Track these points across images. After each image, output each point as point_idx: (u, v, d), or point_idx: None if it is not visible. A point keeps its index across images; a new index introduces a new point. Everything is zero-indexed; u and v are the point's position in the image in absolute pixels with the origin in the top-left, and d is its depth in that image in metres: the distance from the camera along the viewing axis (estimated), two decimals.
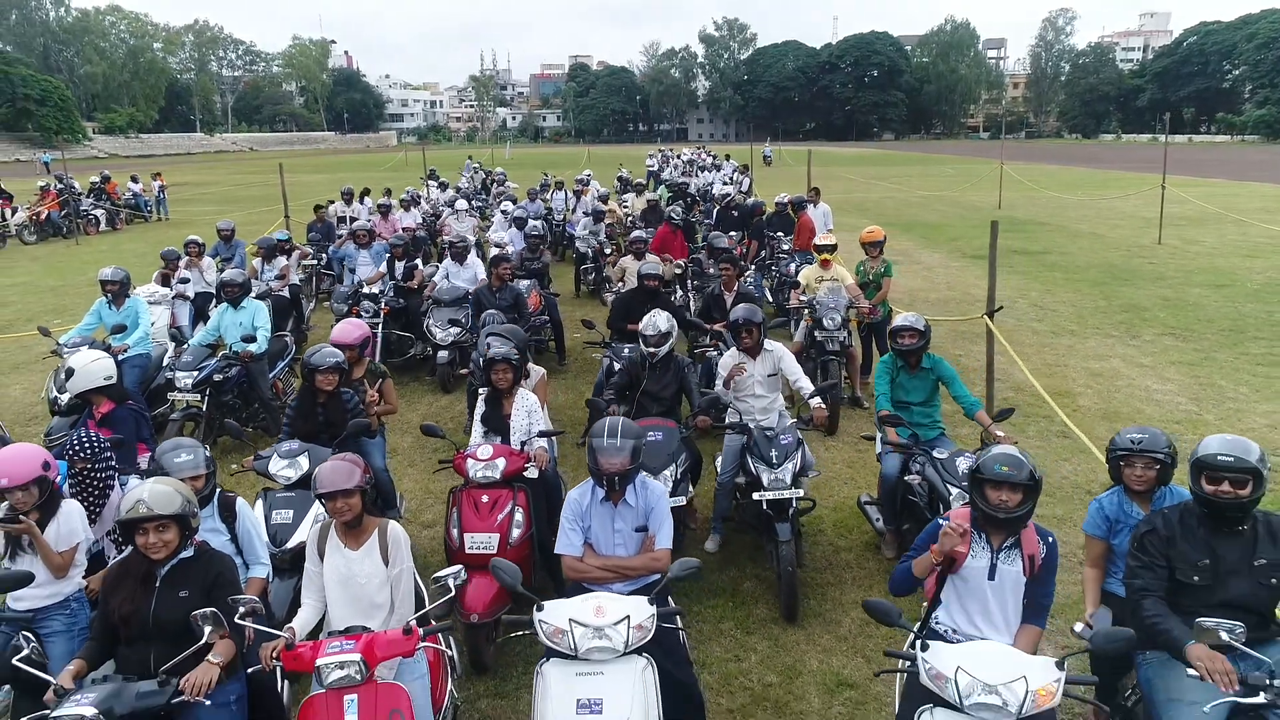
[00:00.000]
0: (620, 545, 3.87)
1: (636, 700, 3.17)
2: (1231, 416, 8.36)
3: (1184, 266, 16.57)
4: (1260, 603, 3.25)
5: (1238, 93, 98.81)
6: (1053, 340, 11.39)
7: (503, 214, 15.24)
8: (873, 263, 9.27)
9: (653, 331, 5.90)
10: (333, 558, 3.51)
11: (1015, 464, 3.29)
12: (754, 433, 5.40)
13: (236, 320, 7.87)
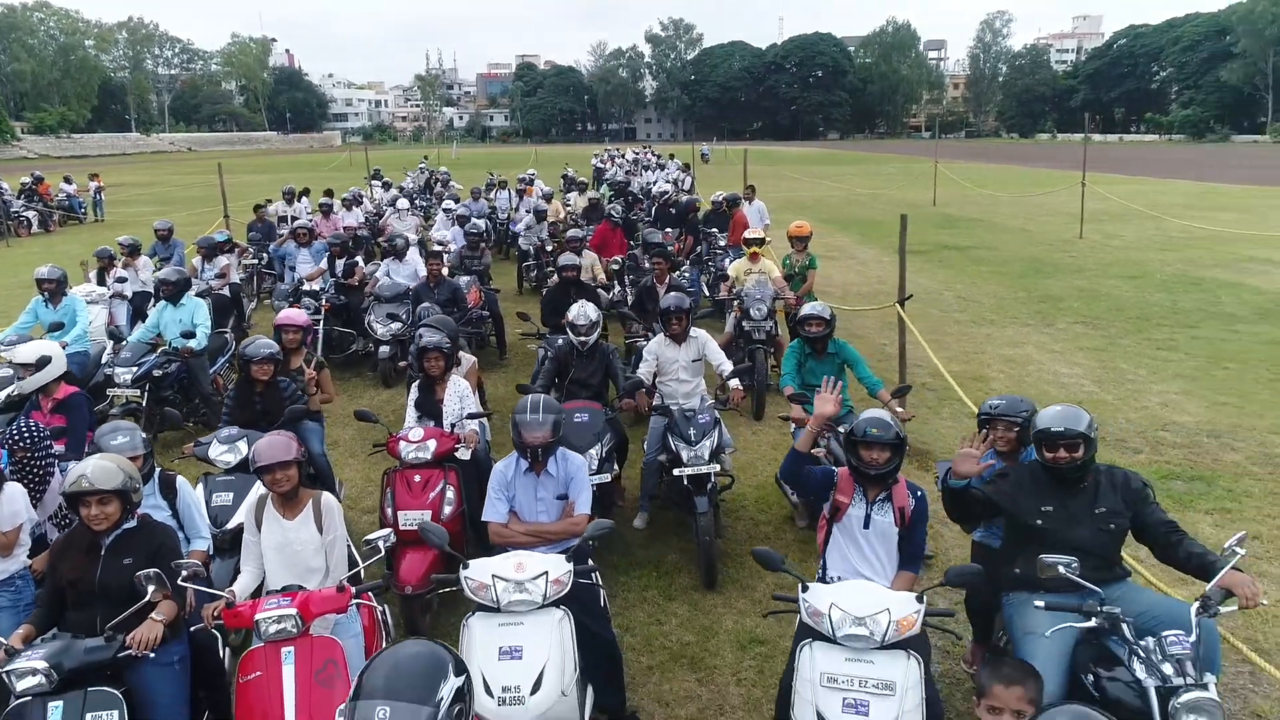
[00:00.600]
0: (543, 512, 4.19)
1: (554, 647, 3.49)
2: (1129, 396, 8.98)
3: (1101, 259, 17.42)
4: (1102, 546, 3.68)
5: (1165, 94, 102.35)
6: (973, 329, 12.00)
7: (445, 212, 15.43)
8: (798, 256, 9.71)
9: (584, 321, 6.23)
10: (270, 527, 3.76)
11: (883, 426, 3.70)
12: (674, 414, 5.76)
13: (176, 317, 7.98)
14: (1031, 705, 2.78)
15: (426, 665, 2.22)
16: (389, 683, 2.15)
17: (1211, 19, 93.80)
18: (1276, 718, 4.22)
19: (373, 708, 2.09)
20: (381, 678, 2.16)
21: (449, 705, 2.15)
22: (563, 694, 3.43)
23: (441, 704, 2.14)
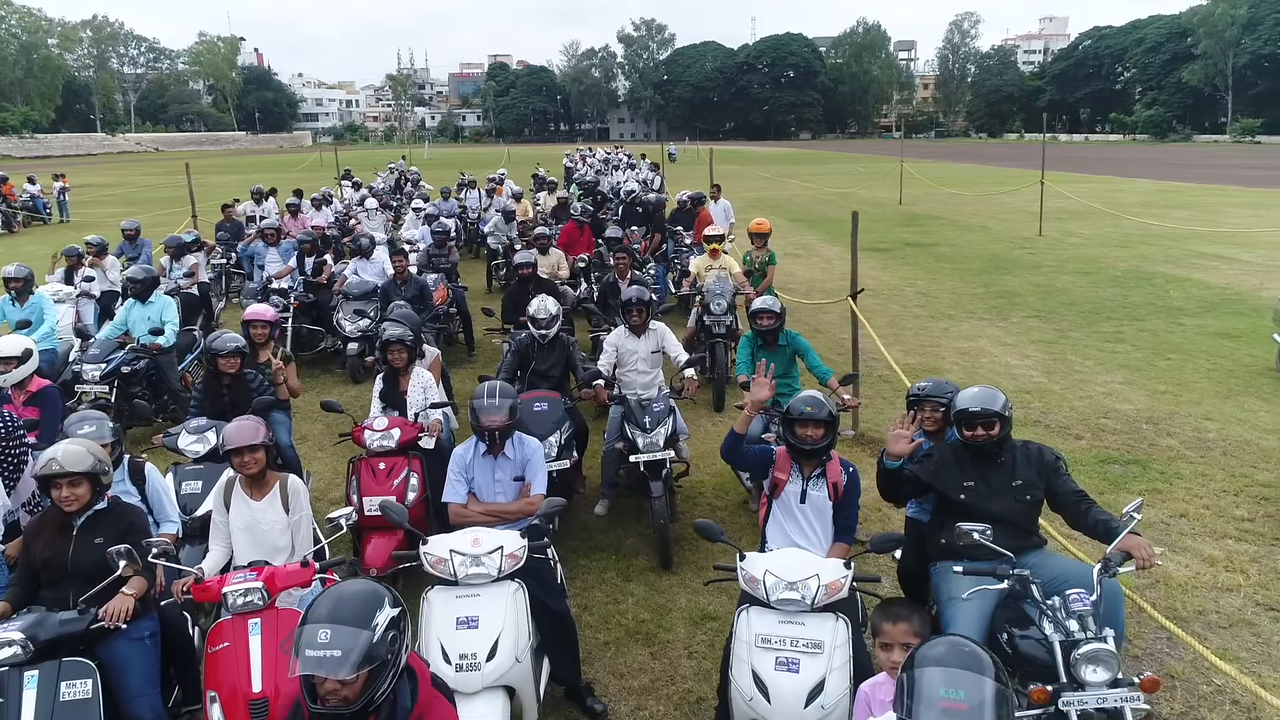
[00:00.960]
0: (500, 493, 4.41)
1: (508, 618, 3.71)
2: (1075, 386, 9.34)
3: (1059, 256, 17.89)
4: (1019, 516, 3.95)
5: (1129, 94, 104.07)
6: (931, 324, 12.34)
7: (414, 212, 15.56)
8: (759, 252, 9.99)
9: (543, 315, 6.45)
10: (238, 507, 3.94)
11: (817, 405, 3.96)
12: (630, 403, 5.99)
13: (144, 315, 8.09)
14: (917, 638, 3.05)
15: (365, 596, 2.44)
16: (332, 610, 2.36)
17: (1173, 21, 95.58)
18: (1188, 677, 4.51)
19: (316, 629, 2.30)
20: (325, 607, 2.38)
21: (384, 630, 2.36)
22: (517, 660, 3.64)
23: (378, 629, 2.35)
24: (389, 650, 2.38)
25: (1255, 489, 6.69)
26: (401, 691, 2.45)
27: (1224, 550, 5.80)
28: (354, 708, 2.32)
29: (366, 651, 2.31)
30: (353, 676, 2.29)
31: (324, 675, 2.27)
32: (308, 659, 2.28)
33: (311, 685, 2.34)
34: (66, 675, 3.25)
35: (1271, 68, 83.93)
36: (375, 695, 2.35)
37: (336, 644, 2.29)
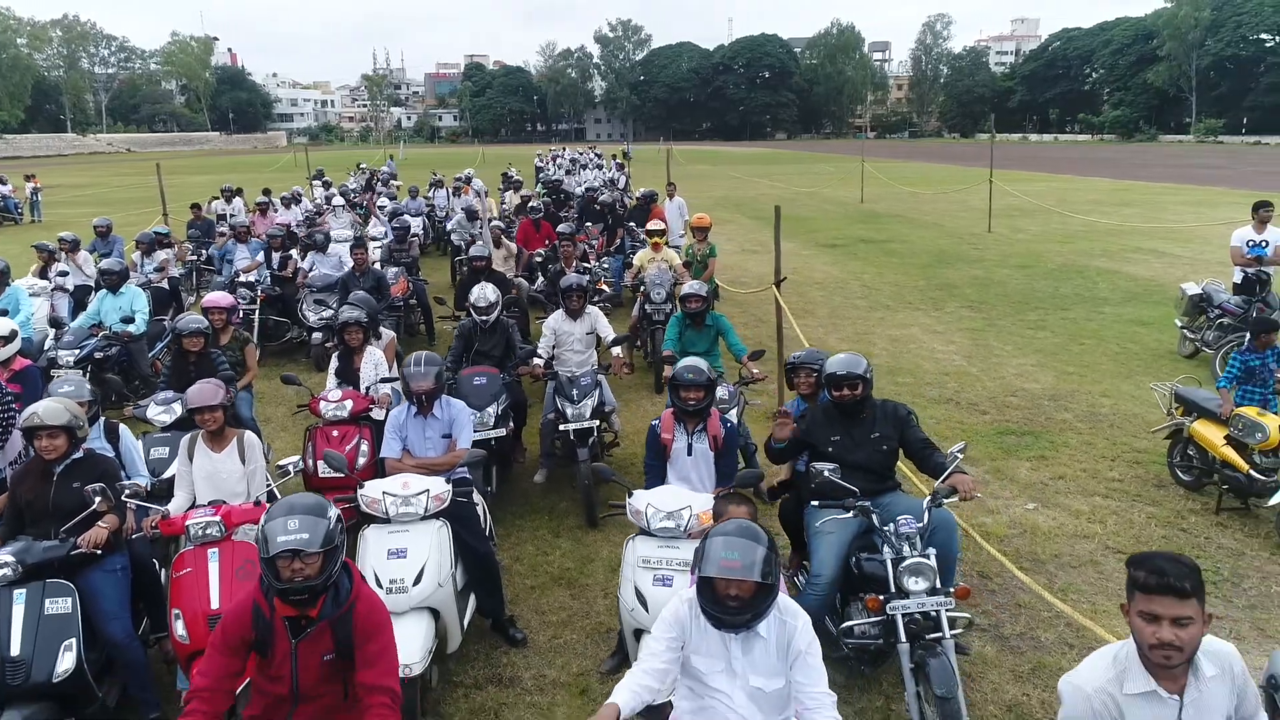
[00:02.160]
0: (430, 449, 5.03)
1: (433, 550, 4.33)
2: (990, 369, 10.07)
3: (1003, 251, 18.70)
4: (878, 464, 4.61)
5: (1097, 94, 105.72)
6: (869, 314, 13.06)
7: (379, 210, 16.10)
8: (700, 245, 10.65)
9: (484, 301, 7.06)
10: (200, 459, 4.53)
11: (697, 371, 4.63)
12: (562, 378, 6.63)
13: (116, 305, 8.62)
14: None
15: (316, 500, 3.02)
16: (292, 507, 2.91)
17: (1138, 23, 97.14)
18: (1032, 606, 5.20)
19: (283, 521, 2.82)
20: (285, 506, 2.92)
21: (335, 522, 2.92)
22: (440, 585, 4.26)
23: (331, 519, 2.91)
24: (338, 538, 2.95)
25: (1131, 454, 7.42)
26: (341, 580, 3.01)
27: (1090, 505, 6.52)
28: (314, 584, 2.86)
29: (326, 533, 2.87)
30: (317, 554, 2.83)
31: (299, 548, 2.80)
32: (280, 542, 2.80)
33: (276, 570, 2.86)
34: (50, 594, 3.83)
35: (1233, 69, 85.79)
36: (330, 573, 2.90)
37: (304, 529, 2.83)
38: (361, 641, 2.90)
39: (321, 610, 2.91)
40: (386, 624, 3.01)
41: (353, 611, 2.94)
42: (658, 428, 4.87)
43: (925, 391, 9.28)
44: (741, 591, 2.64)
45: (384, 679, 2.87)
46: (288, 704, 2.94)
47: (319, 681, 2.91)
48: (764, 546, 2.74)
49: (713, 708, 2.78)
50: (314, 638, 2.90)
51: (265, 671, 2.93)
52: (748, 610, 2.65)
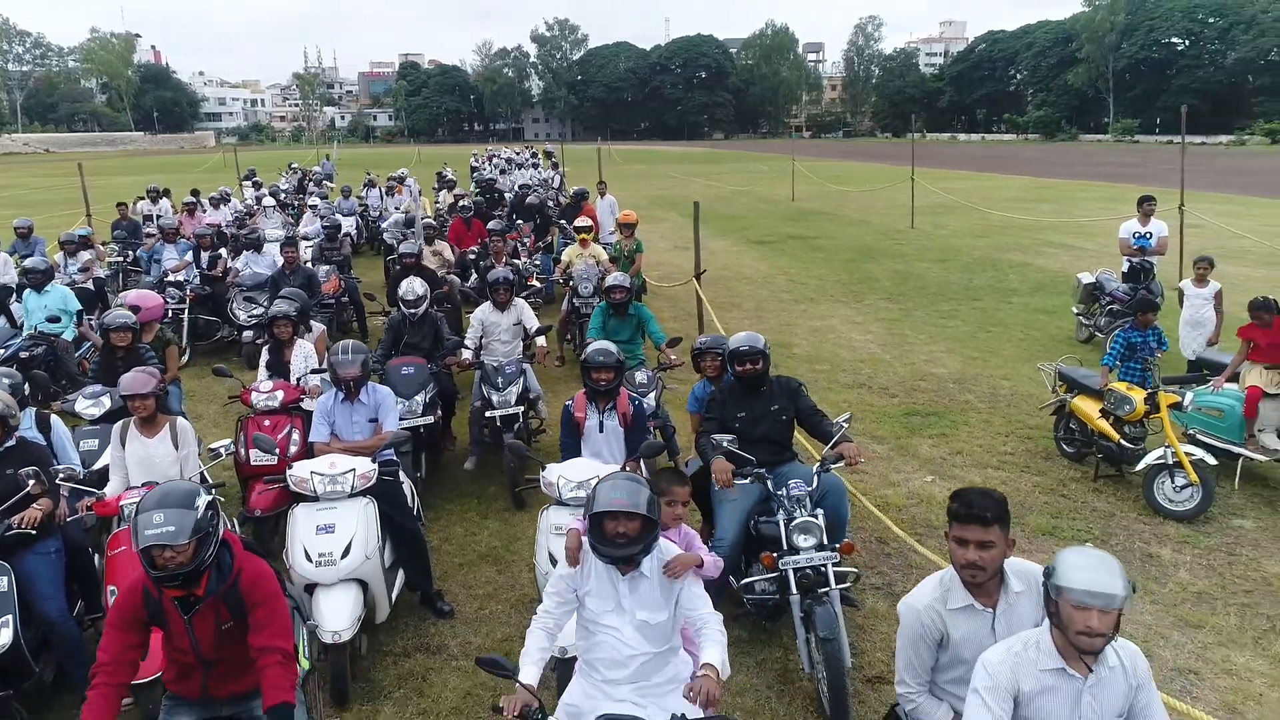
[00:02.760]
0: (358, 433, 5.27)
1: (360, 525, 4.59)
2: (902, 355, 10.63)
3: (923, 246, 19.48)
4: (777, 434, 5.02)
5: (1021, 95, 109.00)
6: (792, 306, 13.58)
7: (311, 209, 16.10)
8: (627, 241, 11.01)
9: (411, 295, 7.30)
10: (133, 444, 4.71)
11: (606, 353, 4.99)
12: (487, 367, 6.92)
13: (42, 304, 8.60)
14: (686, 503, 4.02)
15: (186, 489, 3.09)
16: (160, 500, 3.00)
17: (1058, 26, 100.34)
18: (924, 566, 5.67)
19: (150, 516, 2.93)
20: (154, 500, 3.01)
21: (205, 510, 3.02)
22: (366, 557, 4.53)
23: (199, 508, 3.00)
24: (210, 524, 3.09)
25: (1024, 431, 8.01)
26: (223, 556, 3.19)
27: (983, 476, 7.06)
28: (187, 570, 3.03)
29: (195, 524, 3.01)
30: (185, 544, 3.02)
31: (163, 545, 2.99)
32: (147, 536, 2.94)
33: (151, 559, 3.03)
34: None
35: (1147, 71, 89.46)
36: (204, 558, 3.08)
37: (169, 522, 2.93)
38: (250, 609, 3.09)
39: (207, 587, 3.07)
40: (273, 590, 3.20)
41: (238, 583, 3.13)
42: (571, 407, 5.20)
43: (840, 378, 9.78)
44: (628, 529, 2.98)
45: (275, 640, 3.09)
46: (199, 669, 3.17)
47: (220, 647, 3.12)
48: (646, 489, 3.08)
49: (605, 642, 3.12)
50: (204, 613, 3.08)
51: (170, 643, 3.14)
52: (634, 545, 2.99)
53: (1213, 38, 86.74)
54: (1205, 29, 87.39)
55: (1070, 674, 2.47)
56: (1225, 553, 5.78)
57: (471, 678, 4.65)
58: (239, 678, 3.16)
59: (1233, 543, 5.92)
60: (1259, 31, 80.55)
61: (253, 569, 3.17)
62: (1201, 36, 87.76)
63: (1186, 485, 6.17)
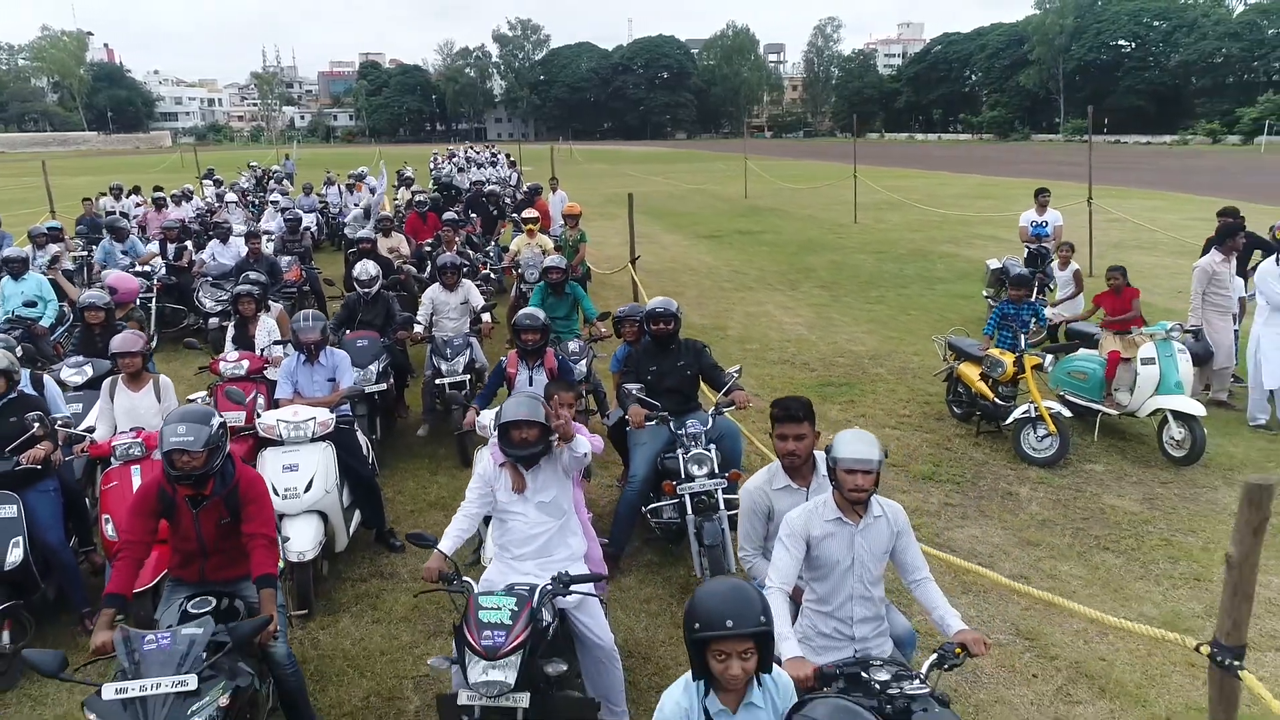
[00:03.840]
0: (318, 390, 6.03)
1: (320, 464, 5.34)
2: (826, 335, 11.55)
3: (863, 240, 20.50)
4: (684, 386, 5.84)
5: (976, 96, 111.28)
6: (732, 294, 14.46)
7: (273, 204, 16.67)
8: (571, 232, 11.79)
9: (365, 275, 8.05)
10: (120, 397, 5.41)
11: (533, 318, 5.80)
12: (437, 340, 7.68)
13: (18, 290, 9.17)
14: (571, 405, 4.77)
15: (203, 410, 3.84)
16: (183, 416, 3.76)
17: (1011, 29, 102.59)
18: None
19: (175, 427, 3.69)
20: (178, 415, 3.78)
21: (217, 428, 3.79)
22: (326, 492, 5.28)
23: (214, 425, 3.79)
24: (220, 440, 3.88)
25: (924, 397, 8.94)
26: (226, 466, 3.96)
27: (881, 434, 7.86)
28: (199, 472, 3.80)
29: (209, 437, 3.81)
30: (200, 451, 3.78)
31: (183, 449, 3.75)
32: (170, 442, 3.74)
33: (171, 461, 3.81)
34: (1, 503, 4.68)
35: (1096, 73, 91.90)
36: (213, 465, 3.85)
37: (189, 434, 3.74)
38: (244, 505, 3.85)
39: (213, 489, 3.83)
40: (263, 492, 3.97)
41: (237, 488, 3.88)
42: (505, 363, 5.99)
43: (768, 355, 10.65)
44: (528, 435, 3.78)
45: (263, 528, 3.85)
46: (199, 558, 3.91)
47: (219, 539, 3.86)
48: (542, 407, 3.86)
49: (514, 526, 3.91)
50: (209, 509, 3.83)
51: (177, 534, 3.88)
52: (534, 447, 3.79)
53: (1157, 40, 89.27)
54: (1150, 32, 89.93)
55: (846, 522, 3.30)
56: (1073, 490, 6.73)
57: (419, 598, 5.42)
58: (231, 567, 3.90)
59: (1082, 482, 6.87)
60: (1200, 35, 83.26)
61: (248, 477, 3.95)
62: (1147, 39, 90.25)
63: (1047, 435, 7.12)
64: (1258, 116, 70.96)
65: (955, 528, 6.18)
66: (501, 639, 3.26)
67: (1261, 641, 4.77)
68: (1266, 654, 4.71)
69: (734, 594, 2.51)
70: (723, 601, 2.47)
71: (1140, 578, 5.48)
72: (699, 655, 2.51)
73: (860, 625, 3.32)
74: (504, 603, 3.40)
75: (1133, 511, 6.37)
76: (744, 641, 2.44)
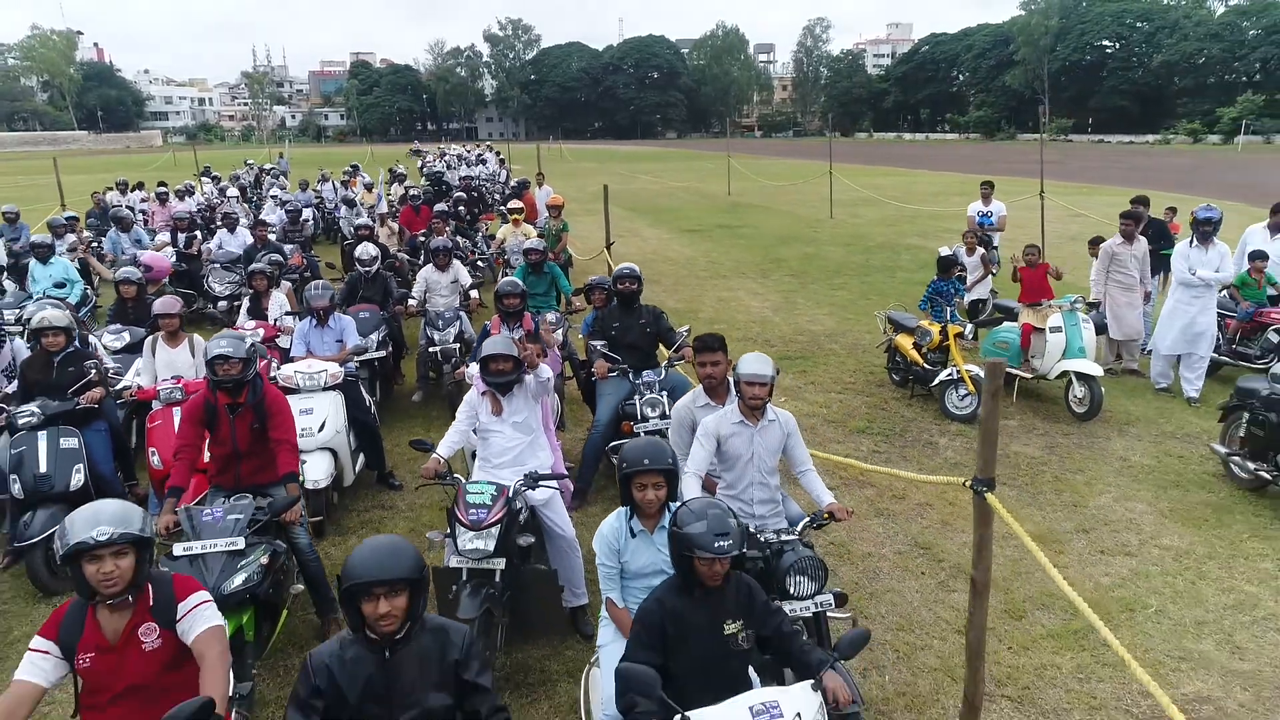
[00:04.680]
0: (327, 349, 6.97)
1: (330, 408, 6.29)
2: (790, 317, 12.52)
3: (835, 233, 21.49)
4: (644, 343, 6.77)
5: (963, 96, 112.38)
6: (707, 282, 15.42)
7: (273, 199, 17.57)
8: (555, 221, 12.73)
9: (366, 256, 8.98)
10: (160, 353, 6.34)
11: (513, 284, 6.75)
12: (430, 313, 8.63)
13: (47, 273, 10.06)
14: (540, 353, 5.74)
15: (241, 334, 4.84)
16: (225, 335, 4.73)
17: (997, 29, 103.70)
18: None
19: (217, 340, 4.66)
20: (222, 335, 4.75)
21: (250, 346, 4.71)
22: (336, 432, 6.22)
23: (248, 343, 4.71)
24: (253, 354, 4.78)
25: (869, 368, 9.91)
26: (256, 381, 4.86)
27: (825, 398, 8.93)
28: (236, 379, 4.68)
29: (246, 350, 4.73)
30: (238, 361, 4.69)
31: (225, 356, 4.65)
32: (215, 350, 4.63)
33: (214, 369, 4.71)
34: (62, 435, 5.60)
35: (1080, 73, 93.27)
36: (247, 374, 4.75)
37: (230, 345, 4.65)
38: (270, 416, 4.79)
39: (246, 398, 4.79)
40: (285, 407, 4.90)
41: (264, 399, 4.82)
42: (489, 326, 6.92)
43: (733, 334, 11.57)
44: (504, 367, 4.73)
45: (286, 435, 4.79)
46: (234, 461, 4.83)
47: (251, 442, 4.79)
48: (514, 346, 4.81)
49: (494, 442, 4.85)
50: (243, 415, 4.76)
51: (216, 439, 4.80)
52: (509, 376, 4.75)
53: (1140, 41, 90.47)
54: (1133, 33, 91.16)
55: (747, 424, 4.25)
56: None
57: (415, 522, 6.36)
58: (262, 472, 4.83)
59: None
60: (1182, 36, 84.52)
61: (274, 393, 4.91)
62: (1130, 40, 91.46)
63: (967, 394, 8.10)
64: (1236, 116, 72.42)
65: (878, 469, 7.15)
66: (484, 514, 4.22)
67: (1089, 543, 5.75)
68: (1116, 558, 5.69)
69: (651, 445, 3.55)
70: (643, 448, 3.50)
71: (1027, 505, 6.46)
72: (626, 488, 3.49)
73: (759, 506, 4.28)
74: (486, 489, 4.36)
75: (1034, 456, 7.35)
76: (656, 475, 3.43)
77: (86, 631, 2.87)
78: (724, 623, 3.02)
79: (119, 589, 2.83)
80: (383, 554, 2.70)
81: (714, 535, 2.89)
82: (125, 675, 2.87)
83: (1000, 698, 4.38)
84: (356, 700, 2.68)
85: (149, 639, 2.90)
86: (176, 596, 2.97)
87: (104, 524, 2.80)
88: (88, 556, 2.77)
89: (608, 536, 3.63)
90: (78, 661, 2.84)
